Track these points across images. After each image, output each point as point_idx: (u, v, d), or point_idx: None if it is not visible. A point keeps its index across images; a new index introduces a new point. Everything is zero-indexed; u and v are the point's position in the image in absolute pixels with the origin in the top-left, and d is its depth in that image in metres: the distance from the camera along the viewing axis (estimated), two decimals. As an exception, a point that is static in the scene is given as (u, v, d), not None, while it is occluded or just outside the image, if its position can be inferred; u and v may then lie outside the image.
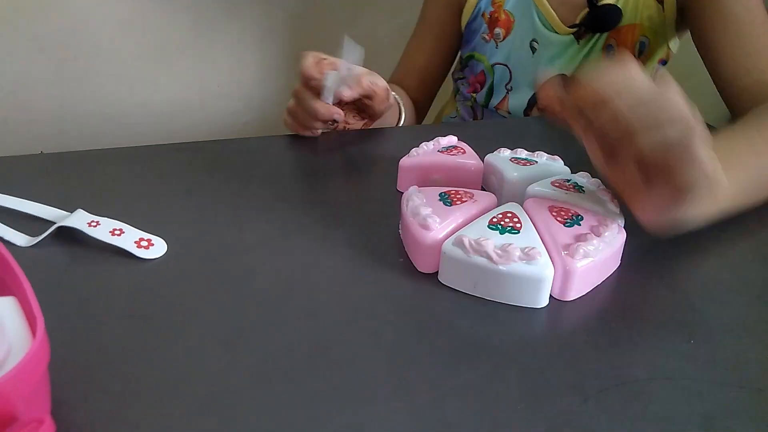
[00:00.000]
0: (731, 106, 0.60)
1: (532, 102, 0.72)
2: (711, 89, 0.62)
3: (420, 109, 0.76)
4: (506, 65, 0.72)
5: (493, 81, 0.74)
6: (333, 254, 0.41)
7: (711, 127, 0.38)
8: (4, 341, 0.25)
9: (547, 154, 0.48)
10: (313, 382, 0.30)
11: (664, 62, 0.74)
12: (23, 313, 0.27)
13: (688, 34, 0.66)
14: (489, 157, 0.48)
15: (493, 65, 0.73)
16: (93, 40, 0.88)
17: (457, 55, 0.77)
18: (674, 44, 0.72)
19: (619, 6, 0.66)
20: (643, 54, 0.69)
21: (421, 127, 0.74)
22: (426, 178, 0.47)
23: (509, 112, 0.74)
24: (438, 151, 0.49)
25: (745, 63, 0.58)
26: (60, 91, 0.90)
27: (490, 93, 0.75)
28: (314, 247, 0.41)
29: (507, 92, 0.73)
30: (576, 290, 0.36)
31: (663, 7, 0.66)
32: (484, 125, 0.73)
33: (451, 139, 0.51)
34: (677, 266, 0.42)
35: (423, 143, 0.50)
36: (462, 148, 0.49)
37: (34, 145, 0.76)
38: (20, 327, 0.27)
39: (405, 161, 0.48)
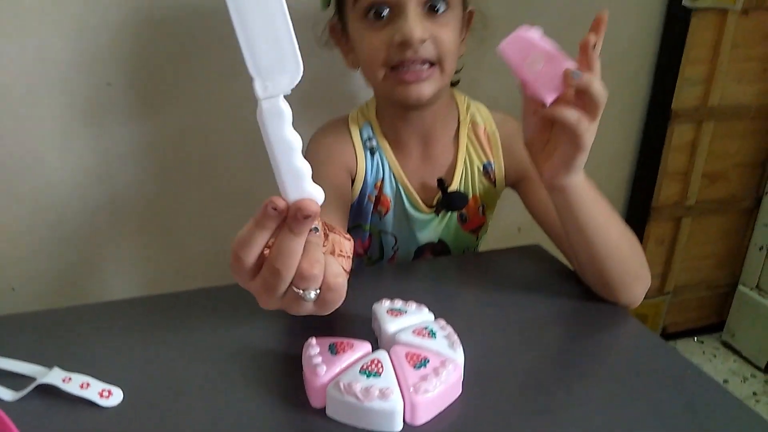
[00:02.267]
0: (567, 256, 0.78)
1: (416, 255, 0.89)
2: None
3: None
4: (392, 233, 0.88)
5: (382, 245, 0.90)
6: (255, 396, 0.55)
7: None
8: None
9: (416, 303, 0.64)
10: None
11: None
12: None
13: None
14: (375, 306, 0.64)
15: (380, 232, 0.89)
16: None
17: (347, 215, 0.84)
18: None
19: (464, 193, 0.84)
20: (484, 214, 0.89)
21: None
22: None
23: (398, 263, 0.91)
24: (330, 353, 0.56)
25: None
26: None
27: (382, 253, 0.91)
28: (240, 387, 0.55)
29: (394, 252, 0.90)
30: (422, 417, 0.51)
31: (495, 185, 0.86)
32: (367, 273, 0.83)
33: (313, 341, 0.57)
34: (509, 390, 0.57)
35: (308, 351, 0.56)
36: (342, 343, 0.57)
37: None
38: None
39: (317, 381, 0.53)
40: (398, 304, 0.65)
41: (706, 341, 1.76)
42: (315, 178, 0.44)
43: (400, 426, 0.51)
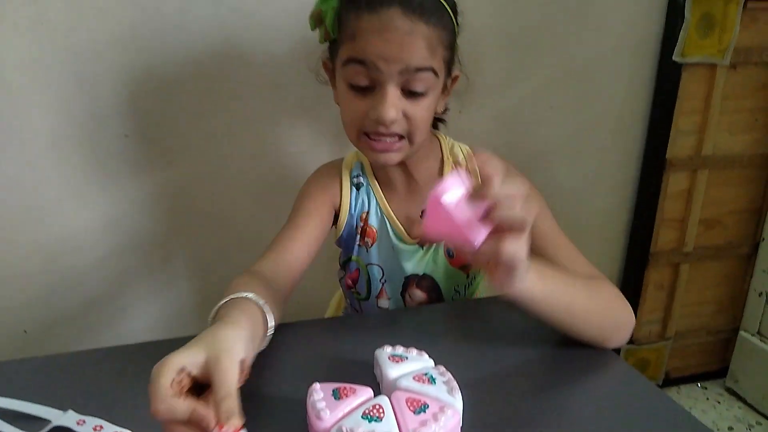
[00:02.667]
0: None
1: (404, 288, 0.92)
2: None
3: (285, 299, 0.77)
4: (378, 265, 0.91)
5: (369, 277, 0.92)
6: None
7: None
8: None
9: (417, 350, 0.67)
10: None
11: None
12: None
13: None
14: (377, 352, 0.66)
15: (367, 265, 0.92)
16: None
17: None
18: None
19: None
20: None
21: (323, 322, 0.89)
22: None
23: (389, 298, 0.93)
24: (334, 398, 0.58)
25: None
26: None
27: (369, 286, 0.93)
28: None
29: (382, 284, 0.93)
30: (422, 461, 0.53)
31: None
32: (369, 319, 0.87)
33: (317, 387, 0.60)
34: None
35: (312, 399, 0.57)
36: (345, 389, 0.60)
37: None
38: None
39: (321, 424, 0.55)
40: (399, 350, 0.67)
41: (709, 387, 1.76)
42: (297, 209, 0.79)
43: (400, 470, 0.53)
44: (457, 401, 0.59)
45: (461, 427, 0.58)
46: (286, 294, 0.77)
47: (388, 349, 0.67)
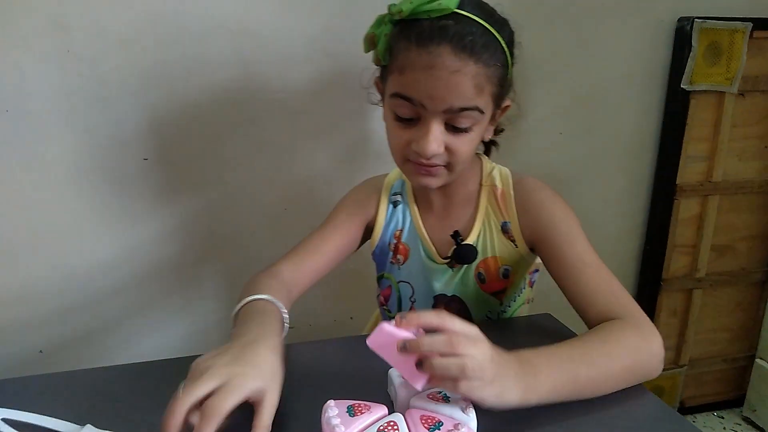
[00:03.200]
0: (587, 325, 0.76)
1: (433, 308, 0.91)
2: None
3: (293, 302, 0.81)
4: (409, 282, 0.92)
5: (399, 295, 0.94)
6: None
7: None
8: None
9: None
10: None
11: (536, 270, 0.95)
12: None
13: None
14: (390, 372, 0.67)
15: (398, 282, 0.93)
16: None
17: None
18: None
19: (474, 245, 0.86)
20: (507, 278, 0.89)
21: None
22: None
23: None
24: (348, 415, 0.59)
25: (585, 300, 0.75)
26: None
27: (399, 304, 0.95)
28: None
29: (412, 303, 0.93)
30: (436, 478, 0.54)
31: (516, 245, 0.87)
32: None
33: (331, 404, 0.60)
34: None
35: (327, 416, 0.58)
36: (360, 406, 0.60)
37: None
38: None
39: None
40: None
41: (726, 416, 1.72)
42: (329, 219, 0.87)
43: (414, 488, 0.53)
44: (472, 420, 0.59)
45: (475, 446, 0.58)
46: (295, 298, 0.81)
47: (402, 368, 0.68)
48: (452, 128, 0.73)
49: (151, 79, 1.03)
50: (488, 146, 0.94)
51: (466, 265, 0.88)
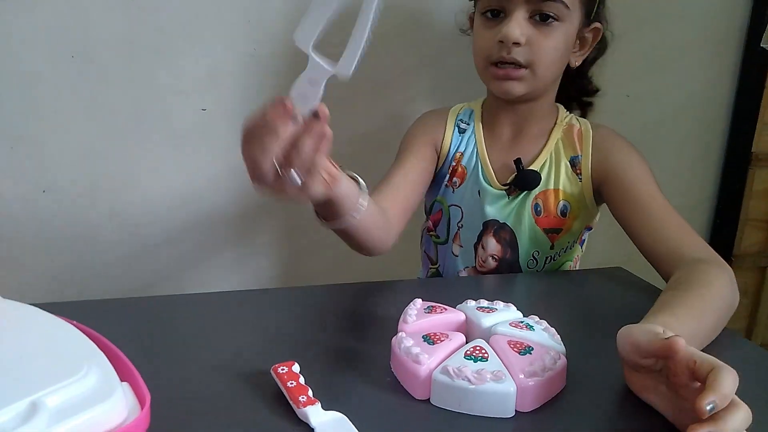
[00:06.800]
0: (655, 265, 0.77)
1: (479, 238, 0.90)
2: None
3: (396, 233, 0.81)
4: (459, 206, 0.90)
5: (449, 218, 0.92)
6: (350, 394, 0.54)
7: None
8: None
9: (503, 302, 0.63)
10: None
11: (589, 228, 0.93)
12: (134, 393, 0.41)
13: None
14: (460, 307, 0.62)
15: (449, 206, 0.92)
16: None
17: (427, 185, 0.91)
18: (596, 215, 0.91)
19: (538, 171, 0.85)
20: (566, 216, 0.87)
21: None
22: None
23: (461, 246, 0.91)
24: (425, 312, 0.60)
25: (655, 236, 0.76)
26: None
27: (448, 228, 0.93)
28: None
29: (458, 228, 0.91)
30: (532, 403, 0.49)
31: (581, 180, 0.85)
32: (445, 284, 0.88)
33: (418, 302, 0.62)
34: (614, 388, 0.54)
35: (406, 309, 0.60)
36: (439, 307, 0.60)
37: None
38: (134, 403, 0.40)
39: (406, 327, 0.57)
40: (484, 303, 0.63)
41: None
42: (402, 150, 0.89)
43: (513, 411, 0.49)
44: (561, 347, 0.54)
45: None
46: (398, 228, 0.81)
47: (471, 303, 0.63)
48: (537, 20, 0.77)
49: (211, 29, 1.01)
50: (582, 106, 0.97)
51: (524, 194, 0.86)
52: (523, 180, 0.85)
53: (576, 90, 0.95)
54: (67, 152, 1.01)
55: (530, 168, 0.86)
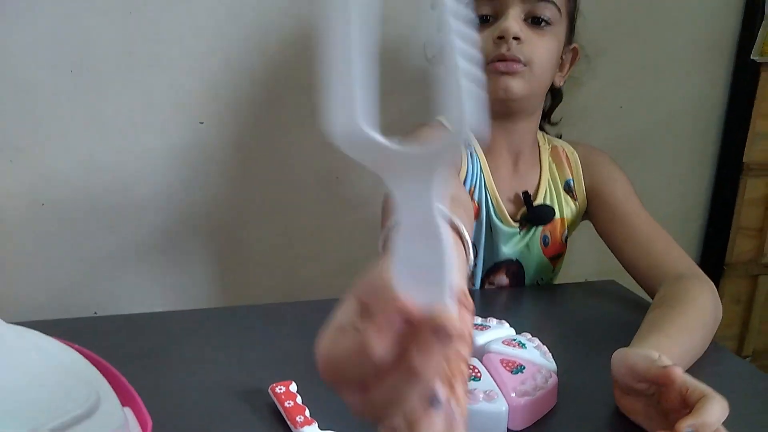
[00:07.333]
0: (637, 280, 0.79)
1: (488, 273, 0.89)
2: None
3: None
4: (474, 244, 0.89)
5: None
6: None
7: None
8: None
9: (496, 319, 0.64)
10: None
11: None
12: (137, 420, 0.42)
13: None
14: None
15: None
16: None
17: None
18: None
19: (551, 206, 0.85)
20: (566, 241, 0.89)
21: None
22: None
23: (472, 285, 0.89)
24: None
25: (639, 252, 0.78)
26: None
27: None
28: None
29: (474, 266, 0.90)
30: (523, 421, 0.50)
31: (577, 203, 0.87)
32: None
33: None
34: (606, 405, 0.55)
35: None
36: None
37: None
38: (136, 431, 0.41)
39: None
40: (478, 320, 0.64)
41: (791, 413, 1.63)
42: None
43: (505, 429, 0.50)
44: (553, 365, 0.56)
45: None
46: None
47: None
48: (531, 22, 0.77)
49: (208, 42, 1.02)
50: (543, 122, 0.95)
51: (534, 228, 0.85)
52: (537, 216, 0.84)
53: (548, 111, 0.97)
54: (66, 165, 1.02)
55: (542, 203, 0.85)
